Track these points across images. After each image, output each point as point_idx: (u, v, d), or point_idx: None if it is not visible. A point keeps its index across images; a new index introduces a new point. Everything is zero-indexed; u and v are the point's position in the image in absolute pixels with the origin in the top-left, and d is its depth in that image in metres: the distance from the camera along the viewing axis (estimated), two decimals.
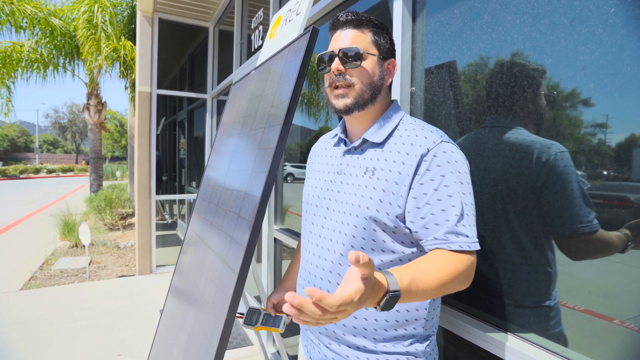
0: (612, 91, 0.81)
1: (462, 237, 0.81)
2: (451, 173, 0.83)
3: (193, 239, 1.63)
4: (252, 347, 2.88)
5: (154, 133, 4.54)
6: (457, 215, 0.81)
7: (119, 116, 40.94)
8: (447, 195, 0.82)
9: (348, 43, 0.93)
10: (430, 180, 0.83)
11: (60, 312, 3.44)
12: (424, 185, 0.84)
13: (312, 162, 1.15)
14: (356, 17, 0.95)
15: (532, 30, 0.97)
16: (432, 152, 0.84)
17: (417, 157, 0.85)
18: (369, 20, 0.96)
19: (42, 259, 5.27)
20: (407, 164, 0.86)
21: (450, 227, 0.81)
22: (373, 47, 0.95)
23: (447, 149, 0.85)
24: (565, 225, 0.91)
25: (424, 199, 0.83)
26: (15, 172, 28.05)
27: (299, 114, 2.62)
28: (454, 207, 0.82)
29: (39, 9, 7.84)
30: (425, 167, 0.84)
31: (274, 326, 1.15)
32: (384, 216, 0.86)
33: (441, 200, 0.82)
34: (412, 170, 0.85)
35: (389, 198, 0.86)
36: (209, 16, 4.65)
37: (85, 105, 9.84)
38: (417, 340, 0.91)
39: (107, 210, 8.08)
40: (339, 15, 0.97)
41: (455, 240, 0.81)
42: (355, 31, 0.95)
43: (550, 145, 0.93)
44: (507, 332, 1.03)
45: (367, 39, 0.94)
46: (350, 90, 0.93)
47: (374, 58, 0.94)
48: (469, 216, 0.83)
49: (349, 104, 0.93)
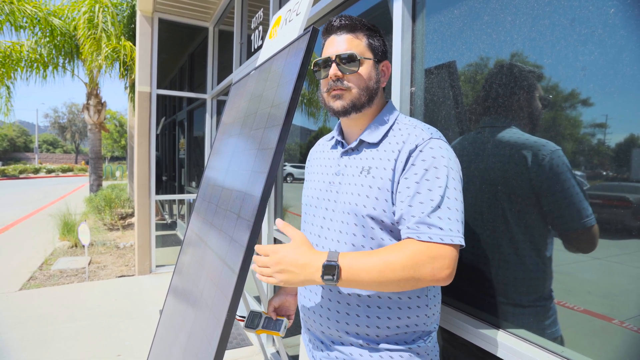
0: (610, 92, 0.81)
1: (435, 228, 0.79)
2: (435, 168, 0.84)
3: (193, 239, 1.63)
4: (251, 347, 2.88)
5: (154, 133, 4.54)
6: (433, 207, 0.81)
7: (118, 116, 40.92)
8: (427, 189, 0.83)
9: (344, 48, 0.95)
10: (413, 174, 0.85)
11: (59, 312, 3.44)
12: (408, 180, 0.85)
13: (311, 165, 1.16)
14: (350, 22, 0.96)
15: (532, 31, 0.97)
16: (419, 148, 0.86)
17: (406, 154, 0.87)
18: (363, 24, 0.97)
19: (42, 259, 5.27)
20: (398, 161, 0.88)
21: (422, 217, 0.80)
22: (368, 51, 0.96)
23: (435, 145, 0.86)
24: (573, 222, 0.90)
25: (406, 192, 0.85)
26: (14, 172, 28.04)
27: (299, 114, 2.62)
28: (432, 200, 0.82)
29: (38, 9, 7.84)
30: (411, 161, 0.86)
31: (274, 330, 1.16)
32: (381, 214, 0.88)
33: (420, 193, 0.83)
34: (401, 167, 0.87)
35: (384, 195, 0.88)
36: (209, 16, 4.65)
37: (85, 105, 9.83)
38: (419, 337, 0.92)
39: (106, 210, 8.07)
40: (333, 20, 0.98)
41: (426, 231, 0.79)
42: (350, 36, 0.96)
43: (545, 143, 0.94)
44: (503, 331, 1.04)
45: (362, 43, 0.96)
46: (347, 93, 0.95)
47: (369, 62, 0.96)
48: (450, 210, 0.81)
49: (346, 105, 0.95)
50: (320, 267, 0.79)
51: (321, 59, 0.98)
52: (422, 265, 0.77)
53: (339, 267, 0.79)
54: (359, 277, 0.79)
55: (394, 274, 0.77)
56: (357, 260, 0.79)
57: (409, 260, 0.77)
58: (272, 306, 1.20)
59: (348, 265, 0.79)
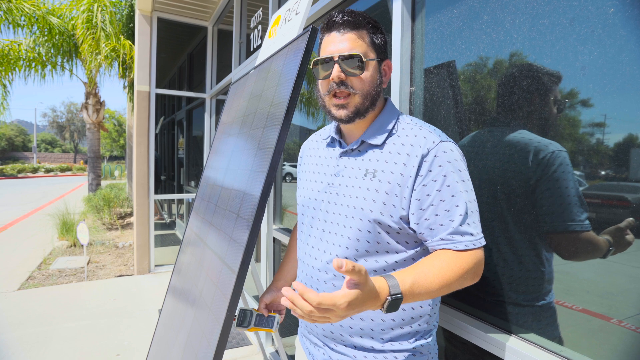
0: (609, 91, 0.81)
1: (467, 235, 0.82)
2: (452, 173, 0.83)
3: (192, 238, 1.63)
4: (251, 347, 2.88)
5: (153, 132, 4.53)
6: (462, 215, 0.82)
7: (117, 115, 40.85)
8: (450, 196, 0.83)
9: (348, 48, 0.89)
10: (432, 181, 0.83)
11: (58, 311, 3.43)
12: (427, 187, 0.84)
13: (304, 162, 1.12)
14: (354, 18, 0.90)
15: (531, 31, 0.97)
16: (432, 152, 0.84)
17: (418, 158, 0.85)
18: (367, 21, 0.92)
19: (40, 258, 5.26)
20: (408, 165, 0.85)
21: (455, 227, 0.82)
22: (372, 51, 0.91)
23: (447, 148, 0.85)
24: (556, 222, 0.92)
25: (428, 201, 0.83)
26: (12, 171, 27.96)
27: (298, 113, 2.62)
28: (458, 207, 0.82)
29: (37, 7, 7.81)
30: (427, 167, 0.84)
31: (267, 327, 1.15)
32: (387, 218, 0.86)
33: (444, 200, 0.83)
34: (414, 172, 0.84)
35: (393, 200, 0.86)
36: (208, 15, 4.64)
37: (84, 104, 9.81)
38: (421, 336, 0.92)
39: (105, 210, 8.06)
40: (335, 15, 0.92)
41: (461, 239, 0.82)
42: (354, 34, 0.90)
43: (548, 144, 0.93)
44: (502, 330, 1.04)
45: (365, 42, 0.90)
46: (350, 100, 0.90)
47: (373, 63, 0.91)
48: (473, 213, 0.84)
49: (350, 114, 0.90)
50: (383, 301, 0.70)
51: (322, 58, 0.91)
52: (470, 274, 0.82)
53: (402, 297, 0.72)
54: (419, 299, 0.76)
55: (449, 289, 0.80)
56: (418, 286, 0.75)
57: (461, 274, 0.80)
58: (264, 303, 1.18)
59: (410, 294, 0.73)
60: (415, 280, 0.74)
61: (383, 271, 0.88)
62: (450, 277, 0.79)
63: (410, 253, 0.89)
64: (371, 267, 0.88)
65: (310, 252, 0.99)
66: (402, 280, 0.73)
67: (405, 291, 0.72)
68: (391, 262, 0.88)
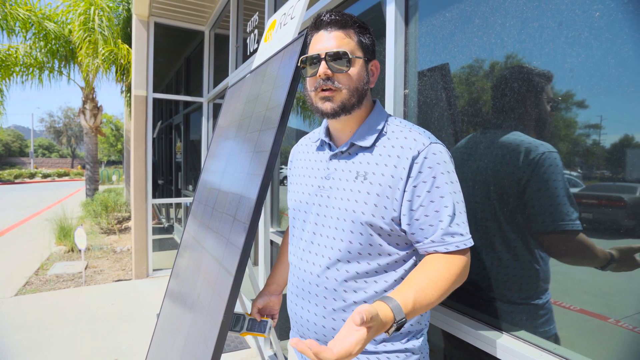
0: (602, 92, 0.83)
1: (457, 236, 0.84)
2: (442, 174, 0.85)
3: (189, 242, 1.64)
4: (249, 350, 2.88)
5: (150, 137, 4.54)
6: (450, 215, 0.84)
7: (114, 120, 40.75)
8: (439, 197, 0.84)
9: (334, 46, 0.90)
10: (422, 182, 0.85)
11: (56, 317, 3.42)
12: (417, 188, 0.85)
13: (294, 166, 1.12)
14: (341, 18, 0.92)
15: (522, 33, 0.99)
16: (422, 154, 0.85)
17: (409, 160, 0.86)
18: (354, 21, 0.93)
19: (38, 264, 5.24)
20: (399, 167, 0.87)
21: (444, 228, 0.84)
22: (359, 50, 0.92)
23: (437, 150, 0.86)
24: (547, 222, 0.93)
25: (418, 202, 0.85)
26: (9, 176, 27.84)
27: (294, 116, 2.63)
28: (446, 207, 0.84)
29: (32, 13, 7.81)
30: (417, 169, 0.85)
31: (259, 331, 1.14)
32: (379, 220, 0.87)
33: (434, 201, 0.84)
34: (405, 174, 0.86)
35: (384, 202, 0.86)
36: (205, 20, 4.66)
37: (81, 109, 9.80)
38: (413, 336, 0.92)
39: (103, 215, 8.04)
40: (322, 15, 0.93)
41: (452, 241, 0.84)
42: (341, 33, 0.91)
43: (539, 145, 0.95)
44: (496, 329, 1.05)
45: (352, 41, 0.91)
46: (336, 94, 0.91)
47: (360, 61, 0.92)
48: (461, 214, 0.86)
49: (336, 107, 0.91)
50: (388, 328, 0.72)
51: (309, 55, 0.92)
52: (460, 277, 0.85)
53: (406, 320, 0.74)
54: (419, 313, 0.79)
55: (444, 297, 0.82)
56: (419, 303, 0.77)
57: (454, 280, 0.83)
58: (256, 307, 1.18)
59: (412, 313, 0.76)
60: (416, 298, 0.77)
61: (375, 273, 0.89)
62: (445, 286, 0.81)
63: (401, 254, 0.89)
64: (363, 269, 0.89)
65: (300, 255, 0.99)
66: (404, 302, 0.74)
67: (408, 312, 0.74)
68: (383, 264, 0.89)
